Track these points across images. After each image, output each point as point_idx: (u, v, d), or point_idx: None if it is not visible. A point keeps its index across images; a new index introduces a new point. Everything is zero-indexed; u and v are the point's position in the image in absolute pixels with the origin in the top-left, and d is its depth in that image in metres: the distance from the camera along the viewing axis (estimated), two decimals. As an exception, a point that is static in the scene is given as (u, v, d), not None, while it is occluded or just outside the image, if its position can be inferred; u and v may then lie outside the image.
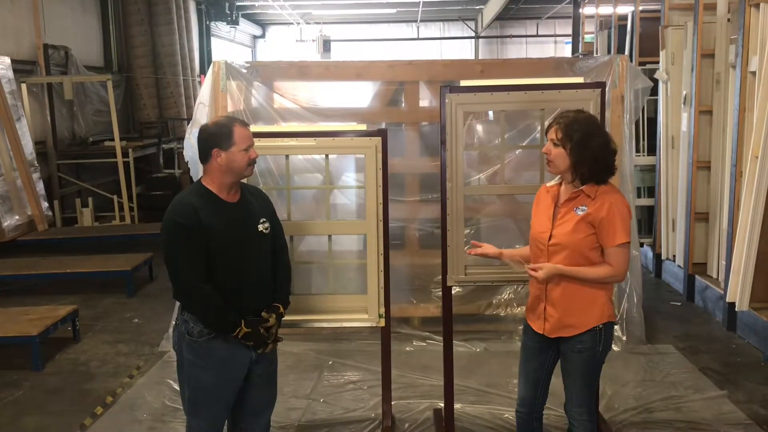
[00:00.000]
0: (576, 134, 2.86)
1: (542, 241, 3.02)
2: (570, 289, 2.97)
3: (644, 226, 7.68)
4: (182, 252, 2.83)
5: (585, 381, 3.06)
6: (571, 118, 2.91)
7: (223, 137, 2.88)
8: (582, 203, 2.93)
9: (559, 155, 2.91)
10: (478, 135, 5.47)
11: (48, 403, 4.51)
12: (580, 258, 2.93)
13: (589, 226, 2.91)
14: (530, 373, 3.21)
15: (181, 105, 13.06)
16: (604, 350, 3.03)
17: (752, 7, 5.16)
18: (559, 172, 2.97)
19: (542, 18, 20.97)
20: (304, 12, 19.84)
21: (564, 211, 2.98)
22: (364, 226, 3.72)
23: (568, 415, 3.14)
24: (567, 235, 2.93)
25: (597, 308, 2.97)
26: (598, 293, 2.97)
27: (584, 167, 2.89)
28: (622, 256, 2.91)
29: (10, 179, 8.06)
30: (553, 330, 3.04)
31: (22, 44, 9.31)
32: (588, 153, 2.87)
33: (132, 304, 6.62)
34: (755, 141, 5.01)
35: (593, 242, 2.92)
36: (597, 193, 2.91)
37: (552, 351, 3.13)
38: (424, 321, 5.50)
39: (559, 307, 3.01)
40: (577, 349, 3.00)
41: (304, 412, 4.28)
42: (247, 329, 2.91)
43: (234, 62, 5.35)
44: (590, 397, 3.10)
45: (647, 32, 7.83)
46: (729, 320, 5.58)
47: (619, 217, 2.89)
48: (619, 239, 2.89)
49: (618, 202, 2.91)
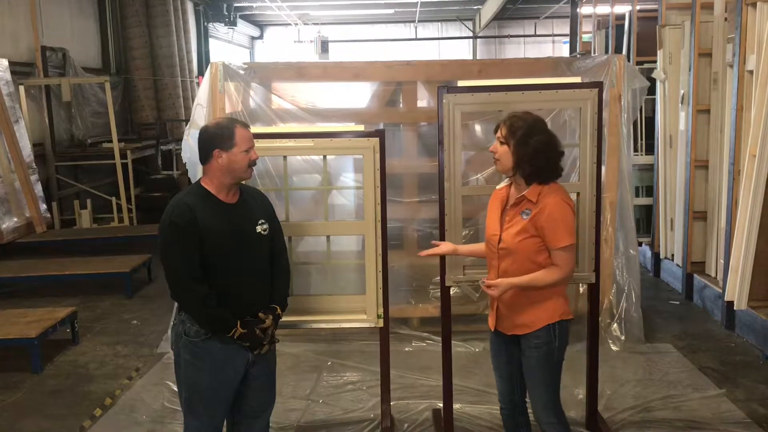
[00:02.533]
0: (519, 131, 2.93)
1: (493, 244, 3.09)
2: (520, 291, 3.03)
3: (643, 226, 7.69)
4: (178, 252, 2.84)
5: (545, 379, 3.08)
6: (516, 116, 2.99)
7: (225, 138, 2.89)
8: (526, 207, 2.99)
9: (504, 153, 2.98)
10: (476, 135, 5.47)
11: (47, 406, 4.51)
12: (528, 261, 2.99)
13: (533, 230, 2.96)
14: (501, 367, 3.27)
15: (179, 106, 13.07)
16: (561, 346, 3.06)
17: (749, 6, 5.17)
18: (505, 170, 3.03)
19: (540, 18, 20.98)
20: (302, 13, 19.84)
21: (511, 215, 3.04)
22: (363, 227, 3.73)
23: (537, 421, 3.16)
24: (514, 240, 2.99)
25: (549, 306, 3.03)
26: (548, 293, 3.02)
27: (526, 164, 2.94)
28: (567, 258, 2.97)
29: (9, 181, 8.05)
30: (510, 328, 3.11)
31: (20, 46, 9.31)
32: (529, 149, 2.92)
33: (131, 306, 6.62)
34: (753, 140, 5.02)
35: (539, 245, 2.97)
36: (539, 197, 2.96)
37: (515, 346, 3.16)
38: (423, 321, 5.51)
39: (511, 307, 3.07)
40: (533, 344, 3.04)
41: (303, 413, 4.28)
42: (243, 330, 2.91)
43: (232, 63, 5.35)
44: (554, 397, 3.12)
45: (645, 32, 7.84)
46: (727, 319, 5.58)
47: (560, 219, 2.93)
48: (561, 242, 2.94)
49: (558, 203, 2.94)
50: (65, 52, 10.28)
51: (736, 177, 5.39)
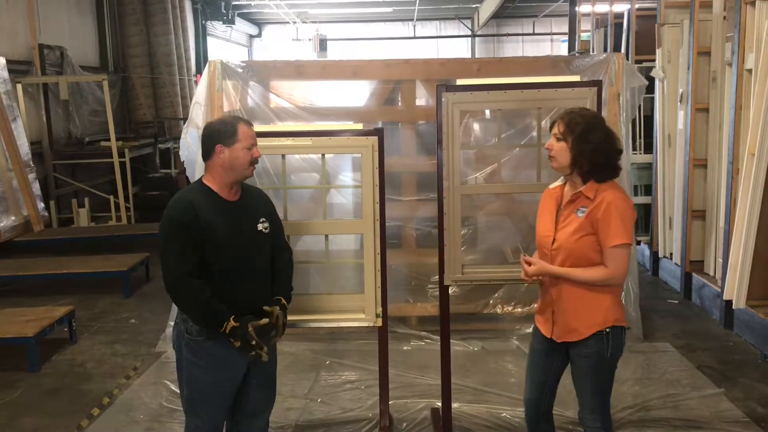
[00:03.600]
0: (578, 127, 2.84)
1: (546, 245, 2.99)
2: (574, 292, 2.92)
3: (641, 224, 7.69)
4: (175, 246, 2.84)
5: (595, 387, 2.99)
6: (574, 112, 2.91)
7: (227, 133, 2.91)
8: (582, 204, 2.88)
9: (561, 150, 2.88)
10: (475, 134, 5.47)
11: (44, 405, 4.49)
12: (585, 261, 2.88)
13: (589, 227, 2.85)
14: (536, 376, 3.17)
15: (177, 105, 13.04)
16: (614, 355, 2.95)
17: (748, 4, 5.16)
18: (561, 167, 2.93)
19: (539, 16, 20.99)
20: (301, 11, 19.83)
21: (566, 214, 2.94)
22: (361, 226, 3.71)
23: (582, 423, 3.08)
24: (569, 239, 2.89)
25: (601, 312, 2.90)
26: (602, 296, 2.90)
27: (585, 161, 2.84)
28: (618, 258, 2.83)
29: (6, 180, 8.03)
30: (561, 334, 3.00)
31: (18, 44, 9.28)
32: (589, 146, 2.83)
33: (129, 305, 6.61)
34: (752, 138, 5.01)
35: (596, 244, 2.86)
36: (596, 193, 2.86)
37: (559, 355, 3.08)
38: (422, 320, 5.50)
39: (566, 311, 2.96)
40: (584, 354, 2.94)
41: (301, 412, 4.27)
42: (235, 323, 2.84)
43: (230, 61, 5.33)
44: (602, 404, 3.03)
45: (643, 30, 7.85)
46: (726, 318, 5.58)
47: (617, 216, 2.81)
48: (614, 240, 2.81)
49: (616, 200, 2.84)
50: (63, 51, 10.25)
51: (735, 176, 5.38)
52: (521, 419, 4.06)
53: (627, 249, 2.85)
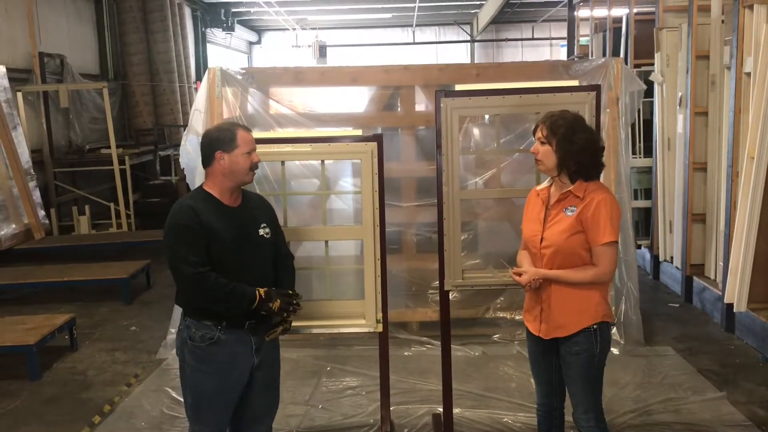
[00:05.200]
0: (561, 129, 2.91)
1: (534, 244, 3.04)
2: (563, 290, 2.98)
3: (641, 228, 7.68)
4: (186, 247, 2.84)
5: (586, 384, 3.03)
6: (556, 115, 2.97)
7: (227, 140, 2.94)
8: (571, 204, 2.95)
9: (547, 153, 2.95)
10: (474, 139, 5.47)
11: (45, 413, 4.49)
12: (575, 258, 2.95)
13: (579, 225, 2.92)
14: (541, 375, 3.23)
15: (177, 112, 13.07)
16: (603, 351, 3.01)
17: (746, 8, 5.18)
18: (548, 170, 3.00)
19: (537, 21, 21.02)
20: (300, 18, 19.86)
21: (554, 213, 3.00)
22: (361, 232, 3.72)
23: (576, 424, 3.10)
24: (558, 237, 2.95)
25: (590, 308, 2.97)
26: (590, 293, 2.98)
27: (571, 161, 2.92)
28: (608, 256, 2.91)
29: (7, 188, 8.04)
30: (549, 331, 3.05)
31: (18, 53, 9.31)
32: (574, 147, 2.90)
33: (129, 312, 6.60)
34: (751, 142, 5.02)
35: (584, 242, 2.93)
36: (585, 192, 2.93)
37: (554, 352, 3.12)
38: (422, 325, 5.50)
39: (553, 309, 3.02)
40: (573, 351, 3.00)
41: (302, 419, 4.27)
42: (264, 297, 2.91)
43: (229, 68, 5.34)
44: (595, 402, 3.06)
45: (642, 34, 7.85)
46: (727, 321, 5.57)
47: (606, 215, 2.89)
48: (603, 238, 2.89)
49: (605, 200, 2.92)
50: (63, 59, 10.28)
51: (735, 179, 5.38)
52: (523, 424, 4.08)
53: (615, 246, 2.94)
